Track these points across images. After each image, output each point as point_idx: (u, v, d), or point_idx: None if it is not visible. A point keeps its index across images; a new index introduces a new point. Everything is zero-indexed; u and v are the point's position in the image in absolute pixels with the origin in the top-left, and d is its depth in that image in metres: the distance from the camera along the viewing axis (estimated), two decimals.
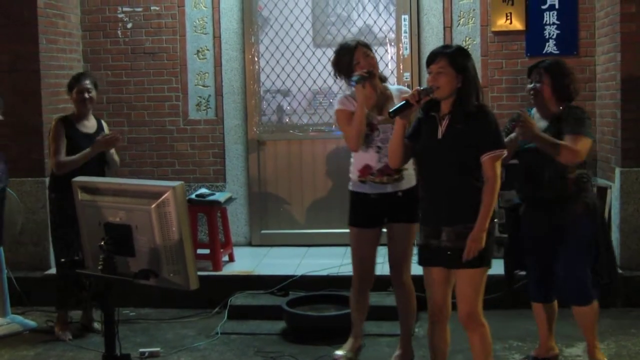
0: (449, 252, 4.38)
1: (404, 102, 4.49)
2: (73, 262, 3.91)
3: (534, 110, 5.15)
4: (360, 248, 5.30)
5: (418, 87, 4.55)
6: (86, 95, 6.10)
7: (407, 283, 5.30)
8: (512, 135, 4.92)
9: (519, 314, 6.24)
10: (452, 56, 4.38)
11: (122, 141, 6.20)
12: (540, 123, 5.00)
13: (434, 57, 4.45)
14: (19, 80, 7.29)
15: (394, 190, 5.15)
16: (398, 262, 5.26)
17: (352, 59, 5.13)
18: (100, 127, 6.28)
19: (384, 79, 5.34)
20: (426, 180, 4.59)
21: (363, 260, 5.31)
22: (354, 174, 5.26)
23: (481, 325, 4.45)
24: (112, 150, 6.26)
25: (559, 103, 5.01)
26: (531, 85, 5.08)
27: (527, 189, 5.08)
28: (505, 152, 4.42)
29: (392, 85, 5.32)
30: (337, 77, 5.36)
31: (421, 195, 4.63)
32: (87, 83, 6.13)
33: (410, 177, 5.15)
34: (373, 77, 5.14)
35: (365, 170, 5.18)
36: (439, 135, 4.43)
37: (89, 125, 6.22)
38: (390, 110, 4.57)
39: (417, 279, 5.24)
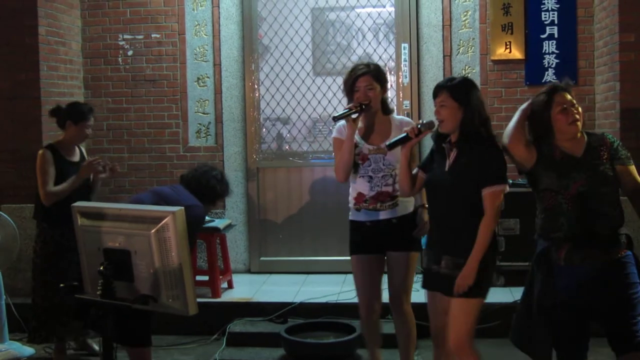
0: (446, 280, 4.38)
1: (402, 135, 4.54)
2: (71, 287, 3.88)
3: (557, 140, 4.36)
4: (360, 276, 5.25)
5: (420, 121, 4.57)
6: (88, 132, 6.06)
7: (407, 312, 5.24)
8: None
9: None
10: (453, 89, 4.40)
11: (108, 165, 6.05)
12: (574, 150, 4.33)
13: (436, 90, 4.48)
14: (19, 107, 7.31)
15: (388, 217, 5.10)
16: (397, 290, 5.20)
17: (353, 86, 5.10)
18: (82, 155, 6.17)
19: (388, 110, 5.23)
20: (433, 209, 4.60)
21: (364, 288, 5.24)
22: (351, 203, 5.25)
23: (470, 355, 4.41)
24: (99, 182, 6.15)
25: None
26: (570, 112, 4.36)
27: (576, 227, 4.20)
28: (507, 188, 4.37)
29: (397, 116, 5.28)
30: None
31: (430, 220, 4.67)
32: (92, 121, 6.07)
33: (405, 203, 5.11)
34: (365, 110, 5.05)
35: (360, 198, 5.16)
36: (446, 167, 4.45)
37: (74, 153, 6.10)
38: (387, 143, 4.61)
39: (417, 307, 5.24)
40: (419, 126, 4.52)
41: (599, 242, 4.19)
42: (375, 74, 5.10)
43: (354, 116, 5.00)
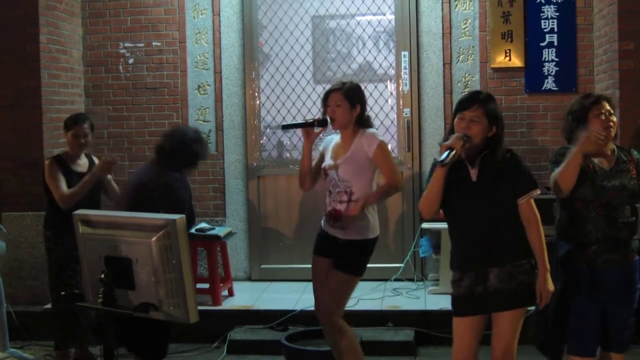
0: (497, 296, 4.27)
1: (451, 149, 4.22)
2: (73, 295, 3.89)
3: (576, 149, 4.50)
4: (313, 275, 5.32)
5: (459, 134, 4.35)
6: (82, 140, 6.05)
7: (336, 327, 5.17)
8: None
9: (528, 348, 6.19)
10: (486, 105, 4.34)
11: (118, 162, 6.12)
12: (603, 162, 4.59)
13: (466, 103, 4.35)
14: (20, 115, 7.33)
15: (335, 235, 5.16)
16: (325, 304, 5.16)
17: (325, 101, 5.20)
18: (92, 164, 6.19)
19: (364, 124, 5.20)
20: (460, 226, 4.45)
21: (314, 287, 5.31)
22: None
23: None
24: (111, 179, 6.21)
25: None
26: (604, 119, 4.55)
27: (604, 232, 4.51)
28: (539, 191, 4.37)
29: (368, 131, 5.19)
30: None
31: (454, 243, 4.48)
32: (85, 127, 6.06)
33: (355, 229, 5.08)
34: (321, 126, 5.20)
35: (324, 209, 5.30)
36: (473, 179, 4.34)
37: (81, 163, 6.14)
38: (440, 160, 4.24)
39: (418, 314, 5.24)
40: (463, 138, 4.28)
41: (620, 247, 4.55)
42: (347, 92, 5.12)
43: (316, 130, 5.20)
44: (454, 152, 4.19)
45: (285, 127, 5.52)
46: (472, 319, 4.38)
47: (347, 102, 5.10)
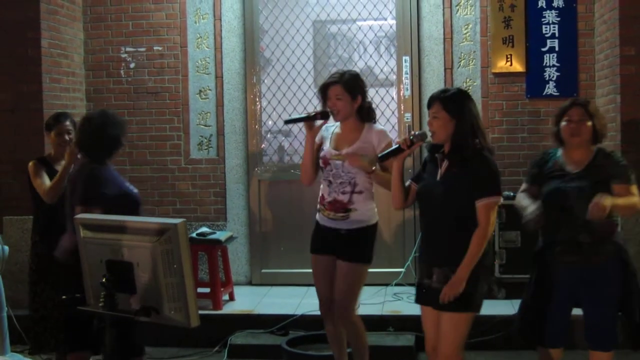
0: (437, 294, 4.35)
1: (395, 147, 4.54)
2: (74, 299, 3.89)
3: (561, 152, 4.87)
4: (316, 275, 5.32)
5: (412, 132, 4.56)
6: (66, 137, 5.90)
7: (351, 322, 5.20)
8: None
9: (518, 354, 6.21)
10: (445, 100, 4.38)
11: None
12: (571, 165, 4.80)
13: (429, 101, 4.47)
14: (22, 119, 7.34)
15: (337, 227, 5.15)
16: (339, 299, 5.16)
17: (325, 93, 5.17)
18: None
19: (366, 119, 5.23)
20: (423, 220, 4.60)
21: (321, 287, 5.31)
22: (318, 203, 5.33)
23: None
24: None
25: (591, 145, 4.82)
26: (572, 124, 4.76)
27: (563, 232, 4.72)
28: (500, 200, 4.38)
29: (376, 126, 5.27)
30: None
31: (421, 236, 4.65)
32: (68, 124, 5.93)
33: (359, 216, 5.11)
34: (323, 119, 5.18)
35: (321, 200, 5.26)
36: (438, 177, 4.44)
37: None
38: (380, 154, 4.62)
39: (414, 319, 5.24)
40: (411, 137, 4.48)
41: (581, 250, 4.66)
42: (346, 83, 5.12)
43: (318, 122, 5.17)
44: (395, 148, 4.49)
45: (288, 122, 5.52)
46: (429, 310, 4.51)
47: (348, 94, 5.10)
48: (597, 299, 4.75)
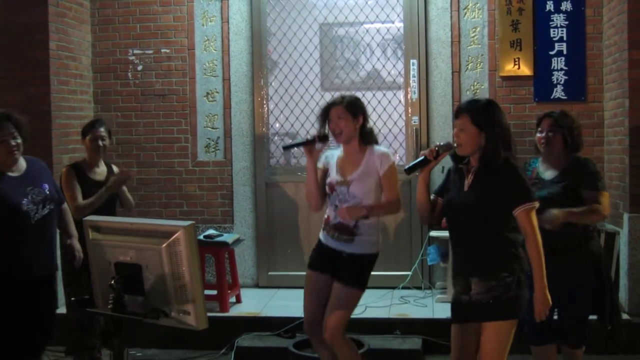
0: (479, 306, 4.28)
1: (421, 158, 4.50)
2: (83, 301, 3.89)
3: (540, 160, 5.31)
4: (308, 292, 5.25)
5: (437, 143, 4.50)
6: (100, 142, 5.96)
7: (340, 343, 5.07)
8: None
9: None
10: (474, 113, 4.29)
11: (134, 176, 6.07)
12: (547, 173, 5.20)
13: (457, 112, 4.39)
14: (30, 121, 7.32)
15: (340, 249, 5.10)
16: (331, 320, 5.03)
17: (326, 116, 5.14)
18: (110, 173, 6.13)
19: (367, 141, 5.19)
20: (455, 234, 4.51)
21: (308, 305, 5.24)
22: (323, 221, 5.31)
23: None
24: (125, 190, 6.17)
25: (566, 153, 5.17)
26: (543, 134, 5.22)
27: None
28: (537, 204, 4.32)
29: (379, 149, 5.20)
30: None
31: (452, 251, 4.61)
32: (102, 130, 5.99)
33: (363, 244, 5.07)
34: (322, 142, 5.14)
35: (326, 221, 5.22)
36: (465, 188, 4.38)
37: (99, 171, 6.07)
38: (406, 167, 4.57)
39: (426, 322, 5.24)
40: (437, 148, 4.43)
41: (555, 254, 4.74)
42: (348, 104, 5.11)
43: (317, 146, 5.14)
44: (421, 159, 4.47)
45: (287, 148, 5.48)
46: (463, 326, 4.42)
47: (349, 114, 5.07)
48: (571, 302, 5.11)
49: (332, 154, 5.28)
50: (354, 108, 5.11)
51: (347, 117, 5.08)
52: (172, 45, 8.22)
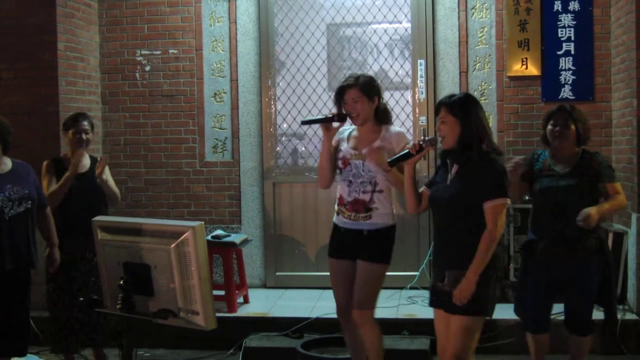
0: (449, 297, 4.36)
1: (404, 152, 4.58)
2: (91, 301, 3.90)
3: (548, 153, 5.40)
4: (335, 279, 5.28)
5: (421, 137, 4.59)
6: (83, 136, 5.92)
7: (369, 325, 5.15)
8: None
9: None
10: (451, 105, 4.42)
11: (105, 161, 5.97)
12: (558, 165, 5.32)
13: (437, 107, 4.54)
14: (38, 122, 7.36)
15: (359, 229, 5.12)
16: (356, 300, 5.11)
17: (342, 97, 5.15)
18: (93, 164, 6.03)
19: (383, 121, 5.24)
20: (436, 225, 4.63)
21: (339, 291, 5.27)
22: (335, 204, 5.30)
23: None
24: (110, 183, 6.03)
25: (575, 147, 5.30)
26: (557, 128, 5.27)
27: (552, 227, 5.22)
28: (508, 202, 4.36)
29: (394, 128, 5.28)
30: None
31: (433, 241, 4.69)
32: (85, 124, 5.95)
33: (381, 217, 5.11)
34: (340, 121, 5.16)
35: (341, 201, 5.23)
36: (447, 182, 4.47)
37: (82, 165, 5.94)
38: (389, 160, 4.63)
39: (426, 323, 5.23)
40: (421, 142, 4.51)
41: (566, 243, 5.16)
42: (363, 86, 5.11)
43: (335, 125, 5.17)
44: (404, 153, 4.57)
45: (305, 122, 5.52)
46: (441, 313, 4.53)
47: (365, 96, 5.10)
48: (579, 291, 5.25)
49: (343, 131, 5.31)
50: (369, 90, 5.13)
51: (362, 99, 5.11)
52: (179, 46, 8.23)
